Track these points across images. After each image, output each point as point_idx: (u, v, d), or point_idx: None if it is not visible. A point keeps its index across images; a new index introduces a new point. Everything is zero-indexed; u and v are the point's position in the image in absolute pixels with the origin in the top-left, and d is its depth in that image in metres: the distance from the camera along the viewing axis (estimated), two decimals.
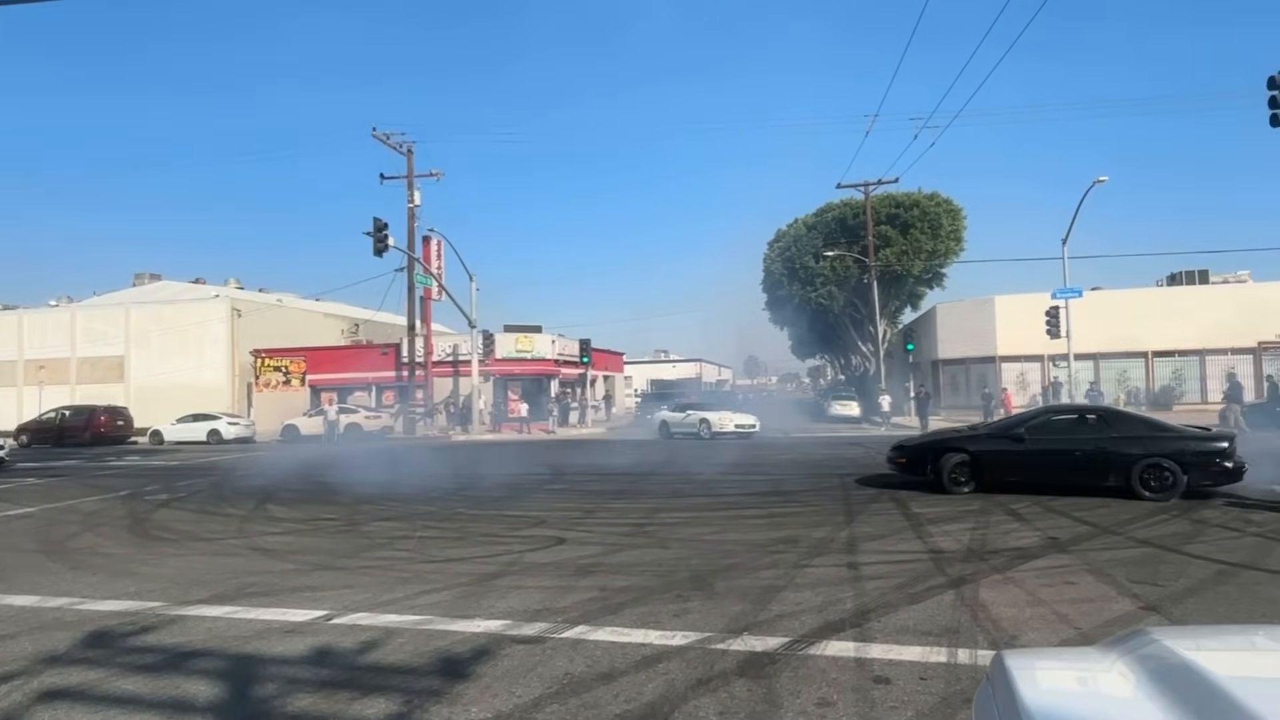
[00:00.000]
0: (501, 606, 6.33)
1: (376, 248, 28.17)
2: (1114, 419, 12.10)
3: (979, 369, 36.48)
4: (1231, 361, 33.66)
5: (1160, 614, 5.66)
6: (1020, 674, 1.43)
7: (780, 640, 5.24)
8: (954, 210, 42.26)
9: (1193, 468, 10.81)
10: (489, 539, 9.48)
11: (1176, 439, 11.21)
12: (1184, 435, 11.30)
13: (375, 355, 40.55)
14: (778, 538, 8.95)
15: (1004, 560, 7.50)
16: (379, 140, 35.02)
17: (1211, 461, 10.84)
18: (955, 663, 4.76)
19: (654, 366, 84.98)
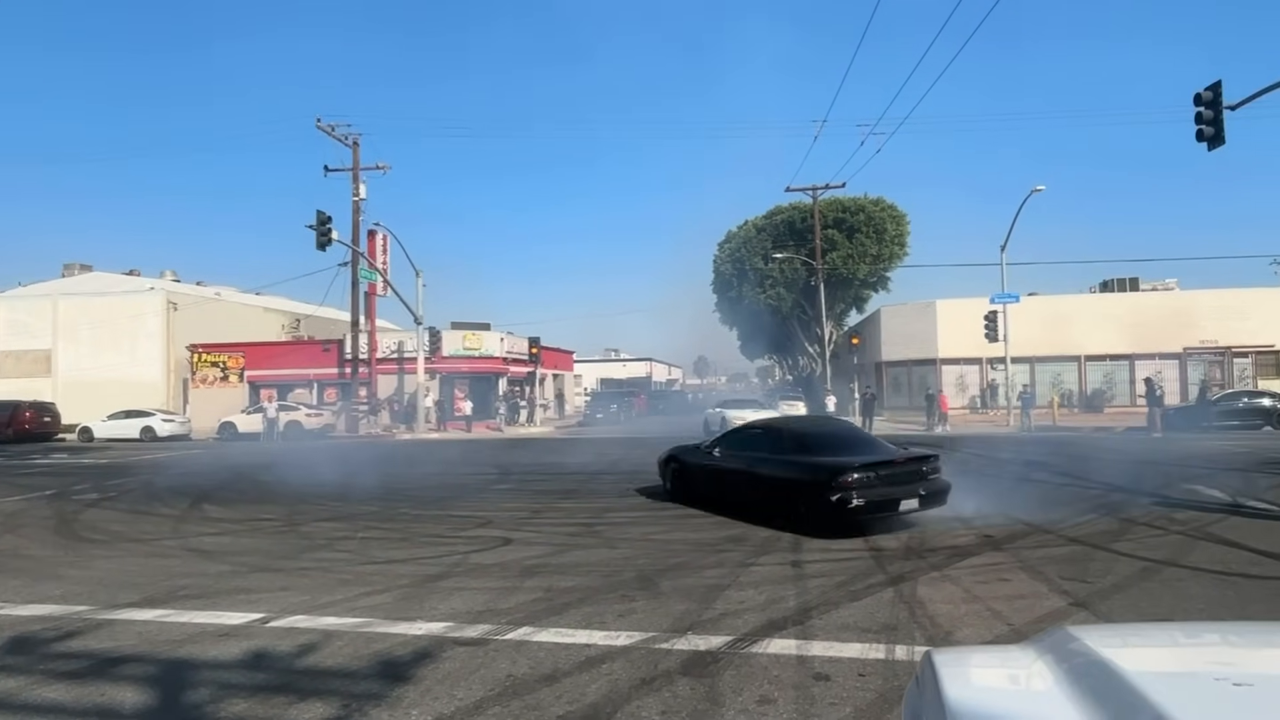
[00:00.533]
0: (444, 608, 6.25)
1: (319, 241, 27.54)
2: (798, 436, 10.57)
3: (920, 371, 37.35)
4: (1159, 366, 35.13)
5: (1089, 610, 5.88)
6: (946, 672, 1.47)
7: (723, 639, 5.29)
8: (898, 216, 43.21)
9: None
10: (433, 540, 9.36)
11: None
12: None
13: (317, 351, 39.63)
14: (724, 536, 9.03)
15: (942, 558, 7.70)
16: (324, 132, 34.24)
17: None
18: (893, 659, 4.87)
19: (604, 365, 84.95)
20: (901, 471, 9.32)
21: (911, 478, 9.34)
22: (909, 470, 9.40)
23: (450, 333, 38.34)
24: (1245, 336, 34.76)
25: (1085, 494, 11.88)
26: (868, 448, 10.14)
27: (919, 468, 9.51)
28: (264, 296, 50.44)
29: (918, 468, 9.50)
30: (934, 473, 9.61)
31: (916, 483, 9.29)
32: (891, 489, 9.04)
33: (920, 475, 9.44)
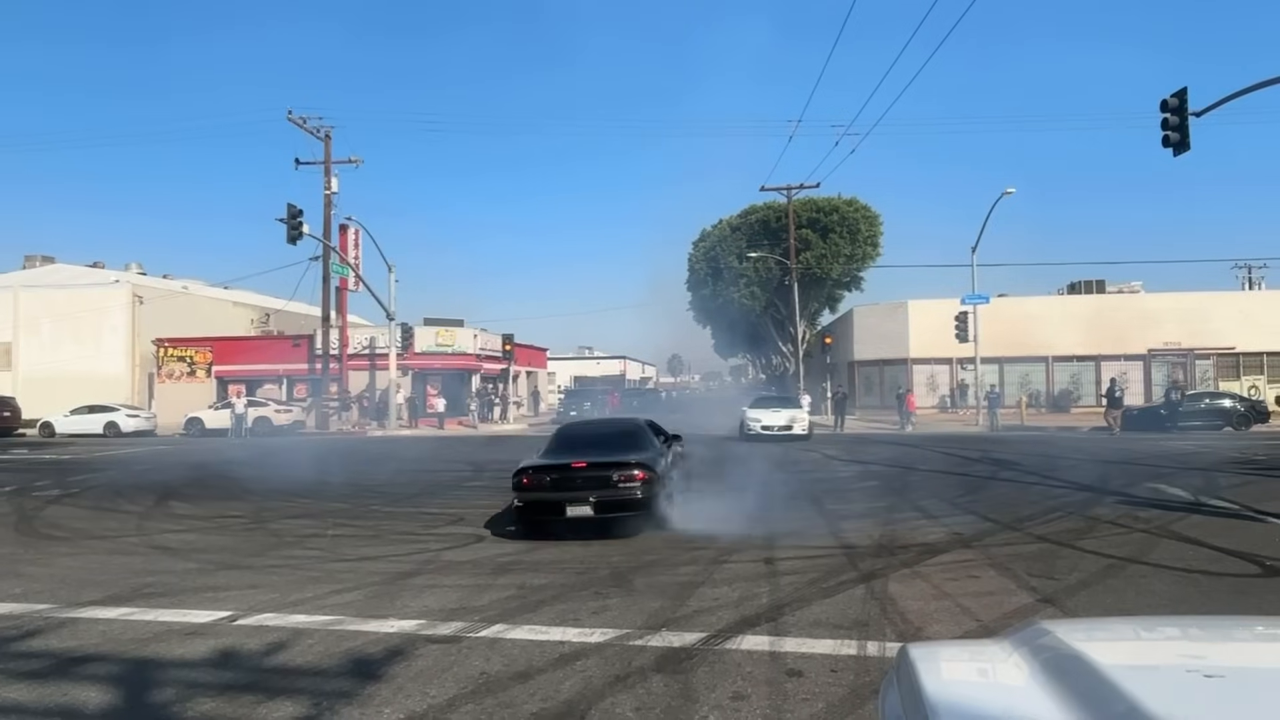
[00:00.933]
0: (416, 606, 6.21)
1: (290, 235, 27.19)
2: (566, 437, 10.66)
3: (892, 371, 37.75)
4: (1124, 367, 35.85)
5: (1056, 606, 5.98)
6: (923, 665, 1.49)
7: (697, 636, 5.31)
8: (871, 216, 43.60)
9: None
10: (405, 537, 9.28)
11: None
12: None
13: (287, 347, 39.12)
14: (698, 534, 9.03)
15: (912, 555, 7.78)
16: (295, 124, 33.77)
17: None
18: (865, 655, 4.92)
19: (578, 363, 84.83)
20: (577, 478, 9.05)
21: (589, 485, 8.97)
22: (587, 477, 9.03)
23: (423, 329, 38.05)
24: (1207, 339, 35.57)
25: (1051, 492, 12.09)
26: (592, 450, 9.73)
27: (604, 475, 9.03)
28: (232, 290, 49.70)
29: (602, 475, 9.03)
30: (624, 482, 8.98)
31: (593, 490, 8.91)
32: (559, 494, 8.95)
33: (602, 484, 8.98)
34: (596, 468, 9.19)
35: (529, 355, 51.13)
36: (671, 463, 10.41)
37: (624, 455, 9.46)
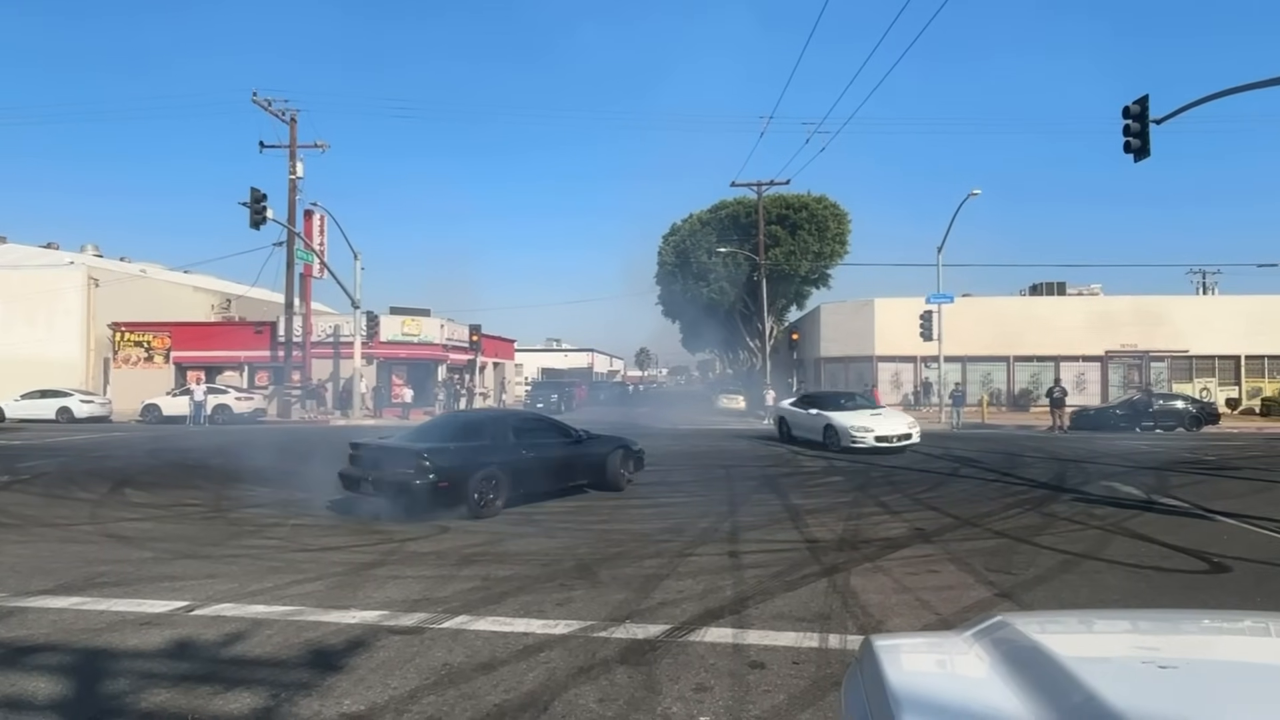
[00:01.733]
0: (379, 596, 6.14)
1: (253, 219, 26.65)
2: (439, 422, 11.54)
3: (858, 367, 38.15)
4: (1082, 368, 36.64)
5: (1013, 600, 6.10)
6: (886, 657, 1.51)
7: (662, 628, 5.32)
8: (840, 214, 43.94)
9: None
10: (366, 527, 9.18)
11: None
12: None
13: (249, 333, 38.40)
14: (663, 527, 9.08)
15: (874, 549, 7.89)
16: (260, 106, 33.08)
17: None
18: (826, 647, 4.98)
19: (546, 355, 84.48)
20: (369, 457, 9.97)
21: (375, 465, 9.77)
22: (375, 458, 9.89)
23: (389, 318, 37.59)
24: (1162, 341, 36.47)
25: (1010, 489, 12.32)
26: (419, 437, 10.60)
27: (388, 458, 9.74)
28: (193, 275, 48.60)
29: (387, 458, 9.75)
30: (402, 467, 9.52)
31: (375, 470, 9.72)
32: (359, 469, 9.96)
33: (383, 466, 9.68)
34: (388, 452, 9.94)
35: (496, 346, 50.82)
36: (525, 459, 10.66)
37: (420, 444, 9.97)
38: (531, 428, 11.55)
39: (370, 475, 9.71)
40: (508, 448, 10.59)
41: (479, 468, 9.90)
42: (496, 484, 10.07)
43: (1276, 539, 8.47)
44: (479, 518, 9.64)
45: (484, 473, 9.91)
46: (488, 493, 9.93)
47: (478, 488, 9.79)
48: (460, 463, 9.77)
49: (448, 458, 9.69)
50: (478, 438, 10.54)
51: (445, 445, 10.00)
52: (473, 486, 9.72)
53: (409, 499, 9.50)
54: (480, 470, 9.88)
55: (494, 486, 10.03)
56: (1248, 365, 36.63)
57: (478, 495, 9.78)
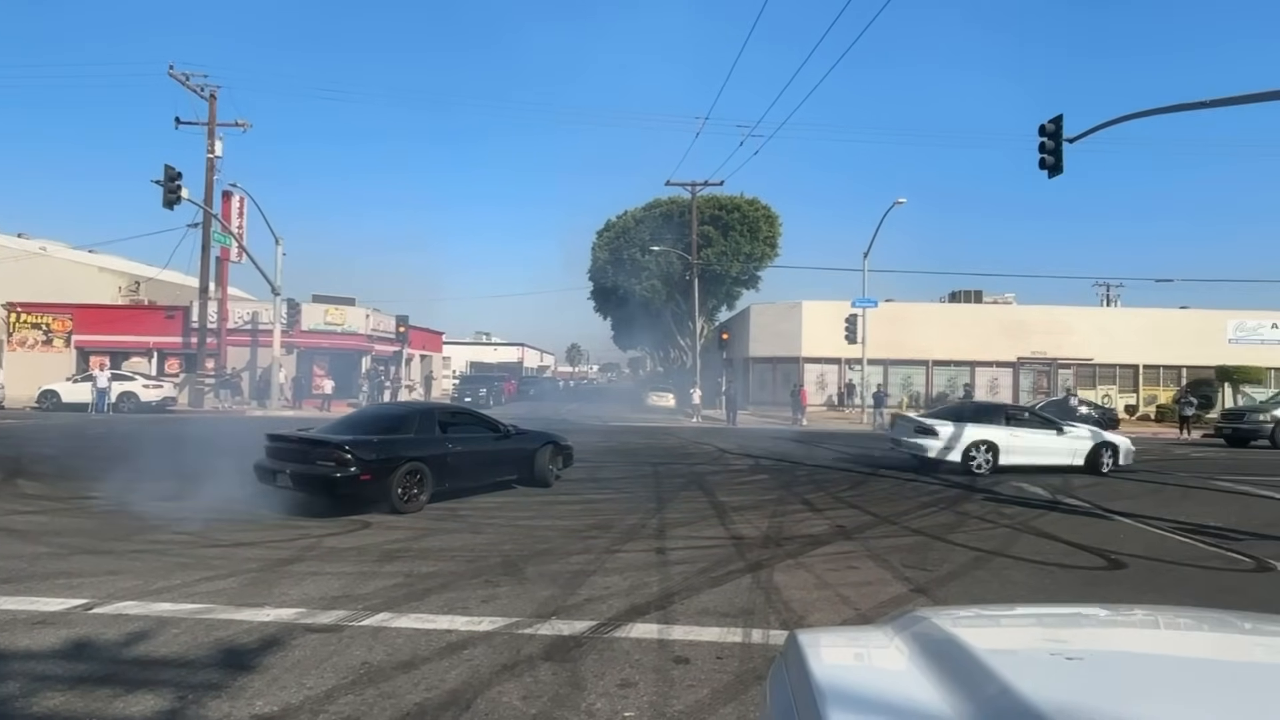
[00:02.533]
0: (295, 594, 5.94)
1: (167, 199, 25.43)
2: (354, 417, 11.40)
3: (785, 368, 38.91)
4: (995, 373, 38.24)
5: (928, 595, 6.32)
6: (812, 652, 1.54)
7: (587, 624, 5.31)
8: (771, 217, 44.73)
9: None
10: (283, 522, 8.88)
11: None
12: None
13: (159, 318, 36.67)
14: (591, 524, 9.06)
15: (797, 546, 8.05)
16: (177, 81, 31.58)
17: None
18: (750, 642, 5.05)
19: (475, 349, 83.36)
20: (287, 449, 9.73)
21: (293, 458, 9.55)
22: (294, 450, 9.65)
23: (311, 306, 36.49)
24: (1069, 349, 38.37)
25: (926, 489, 12.75)
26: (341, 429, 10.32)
27: (306, 450, 9.52)
28: (98, 255, 46.07)
29: (305, 450, 9.53)
30: (322, 459, 9.30)
31: (293, 462, 9.46)
32: (276, 461, 9.66)
33: (303, 458, 9.45)
34: (308, 444, 9.58)
35: (424, 338, 49.88)
36: (450, 455, 10.48)
37: (342, 436, 9.71)
38: (459, 422, 11.34)
39: (289, 468, 9.38)
40: (434, 441, 10.37)
41: (404, 461, 9.66)
42: (421, 478, 9.84)
43: (1167, 537, 9.01)
44: (402, 513, 9.43)
45: (408, 467, 9.69)
46: (412, 487, 9.72)
47: (402, 482, 9.57)
48: (384, 456, 9.51)
49: (371, 450, 9.42)
50: (403, 430, 10.29)
51: (369, 438, 9.73)
52: (397, 481, 9.49)
53: (330, 493, 9.31)
54: (405, 464, 9.65)
55: (419, 481, 9.82)
56: (1145, 374, 38.89)
57: (401, 490, 9.56)
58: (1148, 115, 14.46)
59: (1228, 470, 16.06)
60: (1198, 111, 13.90)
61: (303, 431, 10.44)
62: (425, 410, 11.50)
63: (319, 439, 9.69)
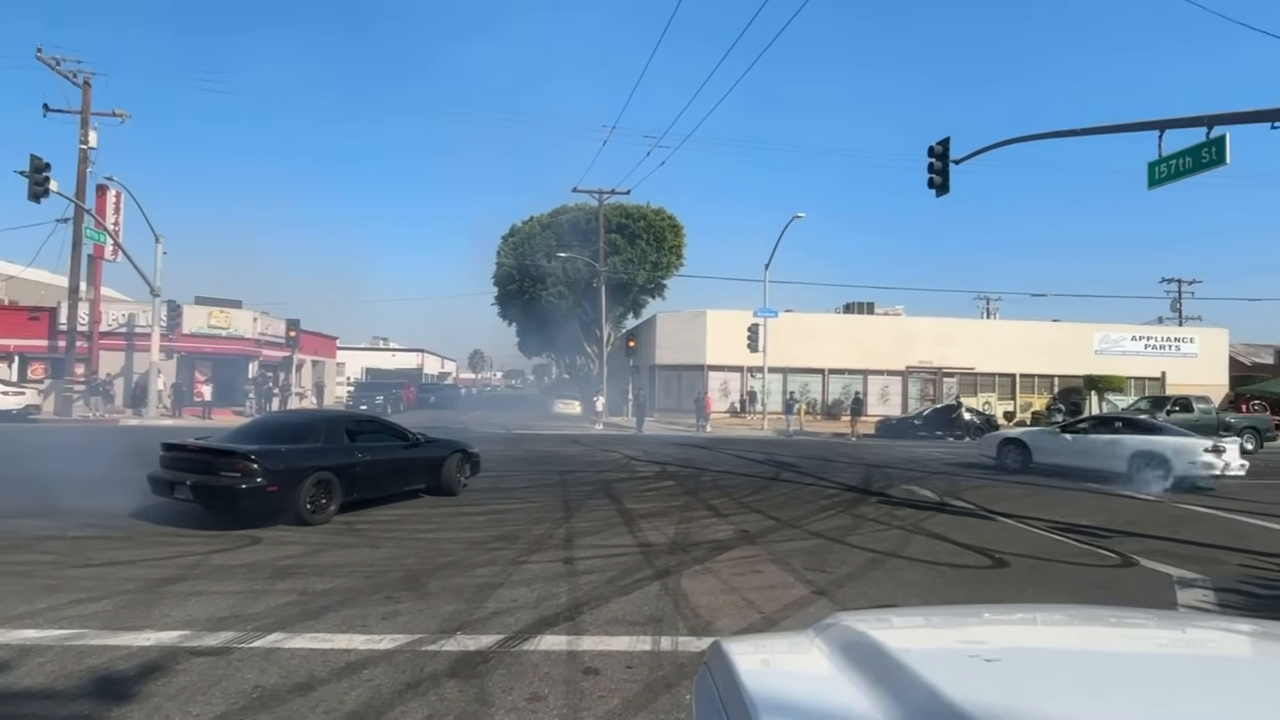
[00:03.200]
0: (179, 615, 5.57)
1: (33, 191, 23.56)
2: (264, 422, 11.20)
3: (690, 376, 39.45)
4: (886, 382, 39.93)
5: (828, 598, 6.50)
6: (739, 659, 1.56)
7: (494, 638, 5.20)
8: (677, 226, 45.36)
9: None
10: (163, 539, 8.32)
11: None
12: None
13: (22, 319, 33.86)
14: (497, 535, 8.90)
15: (704, 552, 8.15)
16: (47, 65, 29.32)
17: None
18: (659, 650, 5.06)
19: (372, 354, 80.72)
20: (185, 459, 9.23)
21: (193, 468, 9.09)
22: (194, 460, 9.16)
23: (194, 308, 34.55)
24: (953, 359, 40.51)
25: (824, 493, 13.17)
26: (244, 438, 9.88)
27: (208, 460, 9.07)
28: None
29: (207, 460, 9.08)
30: (226, 470, 8.91)
31: (193, 473, 9.02)
32: (174, 472, 9.21)
33: (205, 468, 9.01)
34: (208, 453, 9.12)
35: (317, 343, 48.02)
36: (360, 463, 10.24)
37: (248, 445, 9.29)
38: (366, 430, 11.03)
39: (190, 479, 8.89)
40: (342, 450, 10.05)
41: (311, 471, 9.33)
42: (330, 489, 9.54)
43: (1044, 536, 9.61)
44: (310, 524, 9.11)
45: (317, 476, 9.36)
46: (320, 498, 9.40)
47: (310, 493, 9.24)
48: (292, 466, 9.18)
49: (278, 460, 9.06)
50: (310, 439, 9.92)
51: (276, 447, 9.34)
52: (304, 491, 9.16)
53: (234, 505, 8.87)
54: (313, 474, 9.32)
55: (327, 491, 9.50)
56: (1021, 382, 41.47)
57: (309, 501, 9.22)
58: (1025, 140, 15.44)
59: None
60: (1069, 139, 14.95)
61: (203, 440, 9.83)
62: (332, 418, 11.10)
63: (223, 448, 9.18)
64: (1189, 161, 12.27)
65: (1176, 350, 42.66)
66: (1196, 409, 27.72)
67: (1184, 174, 12.38)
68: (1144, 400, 31.96)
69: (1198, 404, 28.53)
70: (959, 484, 14.82)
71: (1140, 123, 13.39)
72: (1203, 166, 12.04)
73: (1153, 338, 43.40)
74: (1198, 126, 12.14)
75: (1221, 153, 11.75)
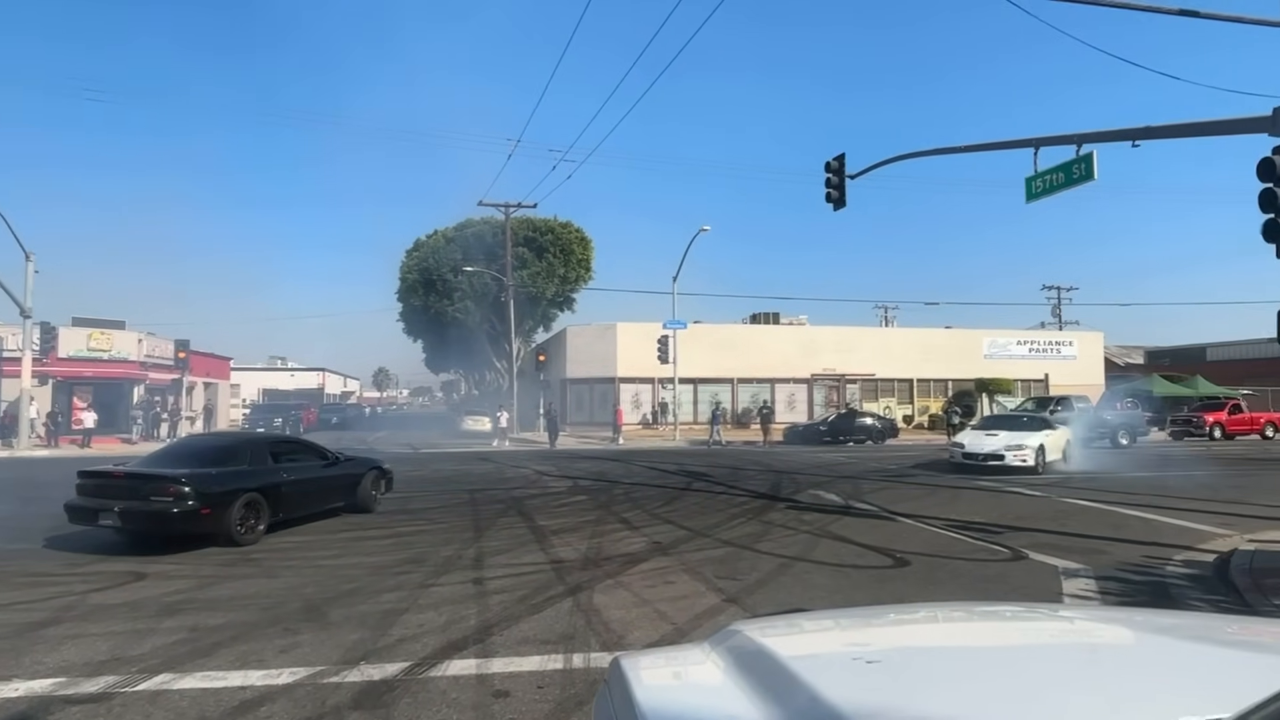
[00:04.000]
0: (52, 661, 5.17)
1: None
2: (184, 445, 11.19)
3: (602, 389, 39.46)
4: (792, 389, 40.99)
5: (739, 605, 6.59)
6: (633, 675, 1.56)
7: (400, 666, 5.05)
8: (585, 240, 45.41)
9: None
10: (37, 580, 7.71)
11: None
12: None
13: None
14: (403, 558, 8.65)
15: (616, 566, 8.14)
16: None
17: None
18: (570, 668, 5.02)
19: (269, 375, 77.36)
20: (110, 486, 9.20)
21: (122, 494, 9.00)
22: (120, 486, 9.13)
23: (71, 330, 32.34)
24: (855, 366, 41.97)
25: (735, 501, 13.38)
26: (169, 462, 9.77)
27: (135, 486, 9.04)
28: None
29: (134, 485, 9.05)
30: (156, 494, 8.89)
31: (119, 499, 8.92)
32: (97, 500, 9.07)
33: (133, 494, 8.96)
34: (137, 479, 9.16)
35: (208, 364, 45.67)
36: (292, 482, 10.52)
37: (177, 469, 9.34)
38: (288, 450, 11.30)
39: (117, 505, 8.84)
40: (268, 471, 10.20)
41: (241, 493, 9.46)
42: (259, 509, 9.68)
43: (941, 534, 10.04)
44: (240, 544, 9.27)
45: (246, 498, 9.51)
46: (249, 518, 9.52)
47: (239, 514, 9.35)
48: (224, 488, 9.29)
49: (209, 483, 9.17)
50: (235, 461, 9.99)
51: (206, 470, 9.42)
52: (234, 512, 9.28)
53: (166, 528, 8.99)
54: (242, 495, 9.46)
55: (256, 512, 9.64)
56: (918, 387, 43.32)
57: (239, 522, 9.33)
58: (913, 157, 16.21)
59: (985, 472, 18.17)
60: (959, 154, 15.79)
61: (124, 466, 9.70)
62: (255, 440, 11.31)
63: (152, 473, 9.27)
64: (1061, 177, 13.11)
65: (1058, 353, 45.49)
66: (1076, 407, 29.54)
67: (1058, 188, 13.21)
68: (1030, 401, 33.92)
69: (1077, 403, 30.39)
70: (862, 487, 15.33)
71: (1017, 140, 14.24)
72: (1074, 181, 12.89)
73: (1036, 342, 46.18)
74: (1068, 144, 13.01)
75: (1090, 169, 12.61)
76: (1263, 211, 8.70)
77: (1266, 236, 8.72)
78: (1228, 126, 10.77)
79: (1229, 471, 19.05)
